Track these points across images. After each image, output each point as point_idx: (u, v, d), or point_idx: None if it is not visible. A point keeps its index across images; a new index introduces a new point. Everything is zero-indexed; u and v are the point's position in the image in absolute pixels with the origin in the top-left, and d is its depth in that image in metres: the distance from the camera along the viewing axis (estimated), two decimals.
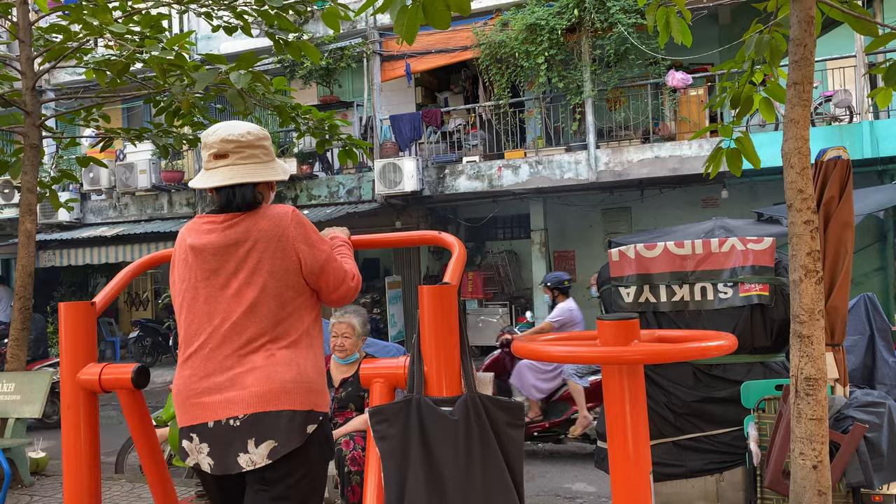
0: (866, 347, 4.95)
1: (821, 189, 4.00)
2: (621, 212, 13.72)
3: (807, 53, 3.43)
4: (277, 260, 2.06)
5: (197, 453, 2.01)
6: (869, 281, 11.29)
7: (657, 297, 4.42)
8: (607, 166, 10.94)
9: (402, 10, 3.13)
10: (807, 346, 3.42)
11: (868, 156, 9.53)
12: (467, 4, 3.08)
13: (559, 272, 8.55)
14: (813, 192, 3.41)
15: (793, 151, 3.45)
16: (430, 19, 3.31)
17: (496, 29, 11.34)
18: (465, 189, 11.87)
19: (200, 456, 2.00)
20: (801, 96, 3.46)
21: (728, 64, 4.61)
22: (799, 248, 3.39)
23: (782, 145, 3.52)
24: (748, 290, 4.25)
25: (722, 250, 4.40)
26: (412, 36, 3.29)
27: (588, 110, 11.05)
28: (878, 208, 8.09)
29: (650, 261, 4.51)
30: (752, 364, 4.23)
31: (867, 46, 4.39)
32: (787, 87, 3.51)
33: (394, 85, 13.16)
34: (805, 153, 3.42)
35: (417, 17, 3.28)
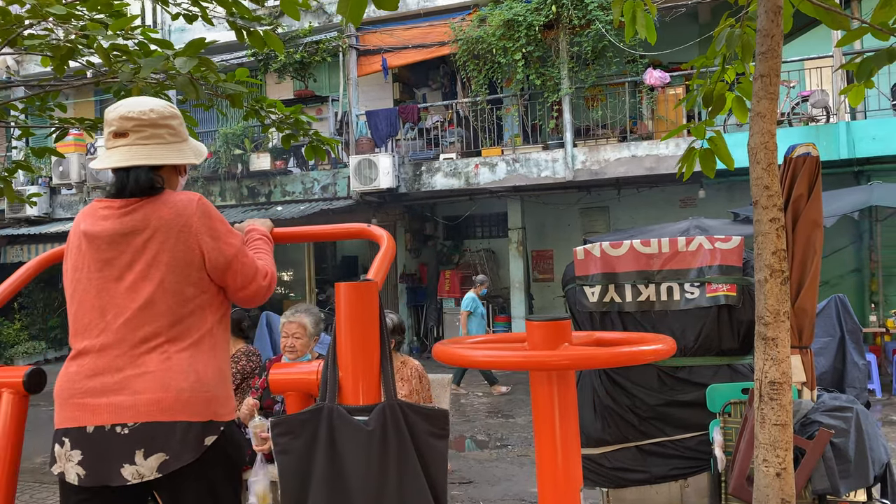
0: (836, 349, 4.85)
1: (789, 186, 3.88)
2: (599, 211, 13.63)
3: (774, 45, 3.30)
4: (178, 252, 1.88)
5: (66, 461, 1.81)
6: (844, 282, 11.26)
7: (622, 297, 4.29)
8: (584, 165, 10.83)
9: None
10: (771, 349, 3.29)
11: (844, 156, 9.48)
12: None
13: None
14: (780, 189, 3.28)
15: (759, 146, 3.31)
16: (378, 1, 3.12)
17: (474, 24, 11.18)
18: (442, 186, 11.71)
19: (69, 464, 1.80)
20: (768, 89, 3.33)
21: (699, 60, 4.47)
22: (764, 247, 3.26)
23: (748, 140, 3.39)
24: (715, 291, 4.13)
25: (689, 249, 4.27)
26: (358, 17, 3.10)
27: (565, 108, 10.93)
28: (853, 209, 8.04)
29: (616, 259, 4.37)
30: (719, 366, 4.11)
31: (839, 41, 4.28)
32: (753, 79, 3.38)
33: (371, 80, 12.97)
34: (772, 148, 3.29)
35: None
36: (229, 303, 2.03)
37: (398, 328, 3.95)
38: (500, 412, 8.63)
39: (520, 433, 7.52)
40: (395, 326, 3.92)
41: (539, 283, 14.27)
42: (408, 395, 3.91)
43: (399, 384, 3.92)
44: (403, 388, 3.91)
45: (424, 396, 3.97)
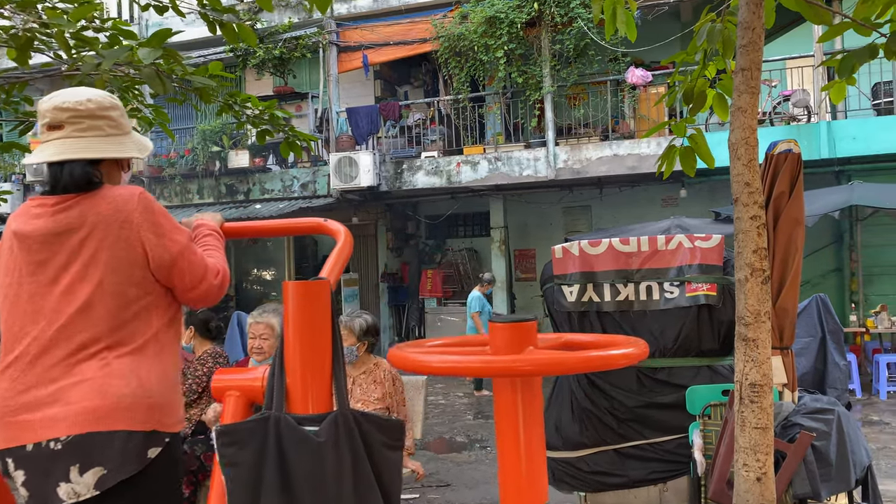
0: (818, 350, 4.79)
1: (770, 184, 3.80)
2: (581, 210, 13.56)
3: (755, 37, 3.22)
4: (118, 251, 1.73)
5: (13, 483, 1.68)
6: (825, 282, 11.27)
7: (601, 297, 4.19)
8: (566, 164, 10.75)
9: None
10: (752, 350, 3.21)
11: (825, 156, 9.47)
12: None
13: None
14: (761, 186, 3.20)
15: (740, 142, 3.23)
16: None
17: (455, 21, 11.07)
18: (424, 185, 11.59)
19: (16, 487, 1.67)
20: (749, 83, 3.25)
21: (679, 55, 4.39)
22: (745, 246, 3.18)
23: (729, 136, 3.31)
24: (695, 290, 4.04)
25: (668, 248, 4.19)
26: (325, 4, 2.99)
27: (547, 106, 10.84)
28: (834, 209, 8.02)
29: (594, 258, 4.28)
30: (699, 368, 4.03)
31: (821, 36, 4.21)
32: (734, 73, 3.30)
33: (352, 77, 12.81)
34: (753, 144, 3.21)
35: None
36: (178, 305, 1.88)
37: (371, 330, 3.83)
38: (480, 413, 8.54)
39: None
40: (369, 328, 3.80)
41: (521, 282, 14.18)
42: (380, 398, 3.80)
43: (372, 387, 3.80)
44: (376, 391, 3.80)
45: (398, 399, 3.86)
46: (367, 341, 3.78)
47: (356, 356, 3.75)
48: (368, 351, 3.84)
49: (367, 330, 3.77)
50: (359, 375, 3.82)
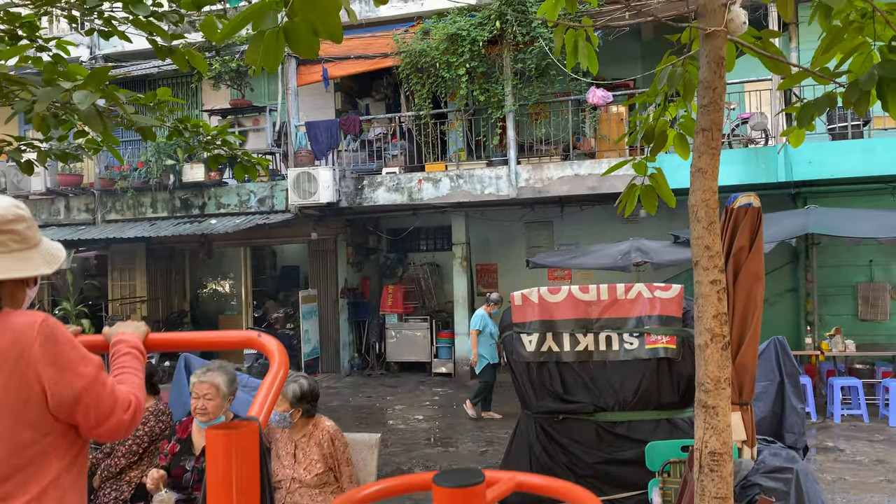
0: (776, 394, 4.77)
1: (730, 238, 3.76)
2: (543, 225, 13.55)
3: (716, 97, 3.15)
4: (11, 390, 1.54)
5: None
6: (782, 301, 11.44)
7: (560, 346, 4.11)
8: (528, 183, 10.70)
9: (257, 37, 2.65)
10: (712, 418, 3.14)
11: (782, 179, 9.58)
12: (339, 31, 2.61)
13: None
14: (721, 249, 3.13)
15: (699, 204, 3.17)
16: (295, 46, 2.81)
17: (417, 37, 10.94)
18: (385, 201, 11.43)
19: None
20: (710, 144, 3.18)
21: (641, 97, 4.36)
22: (705, 311, 3.11)
23: (689, 196, 3.24)
24: (654, 342, 3.98)
25: (628, 297, 4.12)
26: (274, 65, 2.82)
27: (509, 125, 10.78)
28: (790, 236, 8.10)
29: (554, 306, 4.19)
30: (658, 421, 3.97)
31: (780, 84, 4.20)
32: (695, 133, 3.24)
33: (312, 89, 12.59)
34: (713, 206, 3.15)
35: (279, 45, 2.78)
36: (83, 441, 1.70)
37: (307, 395, 3.64)
38: (440, 440, 8.40)
39: (462, 464, 7.30)
40: (303, 394, 3.61)
41: (484, 296, 14.09)
42: (320, 458, 3.64)
43: (314, 449, 3.64)
44: (316, 453, 3.64)
45: (341, 459, 3.70)
46: (301, 407, 3.60)
47: (290, 423, 3.58)
48: (306, 416, 3.67)
49: (302, 396, 3.59)
50: (300, 439, 3.66)
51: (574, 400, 3.96)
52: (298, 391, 3.57)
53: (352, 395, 11.35)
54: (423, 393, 11.36)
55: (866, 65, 3.50)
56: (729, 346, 3.17)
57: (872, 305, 10.52)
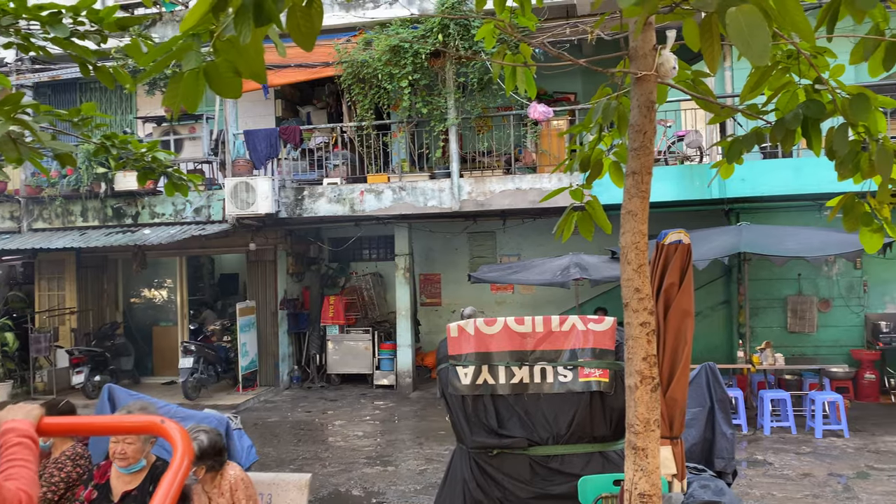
0: (706, 420, 4.87)
1: (661, 274, 3.80)
2: (486, 236, 13.61)
3: (646, 141, 3.19)
4: None
5: None
6: (715, 314, 11.75)
7: (496, 379, 4.09)
8: (470, 196, 10.71)
9: (175, 79, 2.55)
10: (641, 459, 3.17)
11: (715, 196, 9.84)
12: (262, 72, 2.51)
13: None
14: (650, 292, 3.17)
15: (629, 246, 3.19)
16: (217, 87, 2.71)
17: (359, 47, 10.83)
18: (325, 213, 11.27)
19: None
20: (640, 187, 3.21)
21: (577, 128, 4.40)
22: (635, 353, 3.14)
23: (620, 238, 3.27)
24: (588, 376, 4.01)
25: (562, 329, 4.13)
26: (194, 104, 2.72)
27: (452, 138, 10.77)
28: (723, 254, 8.31)
29: (490, 338, 4.17)
30: (591, 454, 3.99)
31: (710, 120, 4.29)
32: (625, 175, 3.27)
33: (252, 96, 12.30)
34: (642, 248, 3.18)
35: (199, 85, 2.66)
36: None
37: (208, 451, 3.47)
38: (380, 458, 8.31)
39: (401, 486, 7.23)
40: (205, 450, 3.45)
41: (426, 307, 14.07)
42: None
43: (222, 501, 3.52)
44: (222, 501, 3.52)
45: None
46: (204, 464, 3.45)
47: (194, 479, 3.45)
48: (212, 470, 3.52)
49: (203, 454, 3.44)
50: (212, 491, 3.52)
51: (509, 434, 3.94)
52: (198, 450, 3.42)
53: (290, 409, 11.15)
54: (363, 406, 11.24)
55: (792, 103, 3.60)
56: (658, 388, 3.21)
57: (801, 318, 10.90)
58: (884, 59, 3.16)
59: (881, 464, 7.43)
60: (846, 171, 3.59)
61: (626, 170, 3.24)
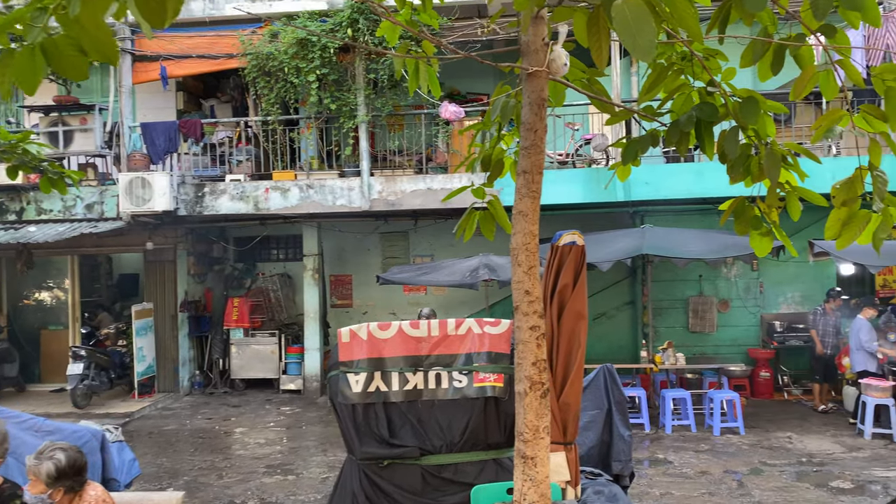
0: (604, 422, 4.85)
1: (555, 275, 3.72)
2: (399, 236, 13.40)
3: (537, 140, 3.09)
4: None
5: None
6: (620, 314, 11.98)
7: (389, 386, 3.91)
8: (381, 195, 10.50)
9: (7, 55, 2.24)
10: (530, 469, 3.07)
11: (621, 199, 9.99)
12: (113, 53, 2.22)
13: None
14: (541, 294, 3.06)
15: (520, 247, 3.08)
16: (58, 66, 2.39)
17: (265, 39, 10.43)
18: (228, 210, 10.80)
19: None
20: (531, 187, 3.11)
21: (477, 126, 4.30)
22: (525, 358, 3.03)
23: (511, 239, 3.15)
24: (482, 381, 3.88)
25: (458, 332, 4.00)
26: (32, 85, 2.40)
27: (362, 136, 10.52)
28: (626, 256, 8.43)
29: (383, 343, 3.99)
30: (485, 462, 3.87)
31: (607, 121, 4.26)
32: (517, 174, 3.16)
33: (151, 87, 11.68)
34: (533, 249, 3.07)
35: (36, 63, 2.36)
36: None
37: (65, 472, 3.12)
38: (281, 467, 7.98)
39: (301, 495, 6.94)
40: (60, 473, 3.10)
41: (337, 308, 13.74)
42: None
43: None
44: None
45: None
46: (62, 486, 3.11)
47: (49, 503, 3.11)
48: (70, 492, 3.18)
49: (60, 474, 3.09)
50: None
51: (400, 444, 3.77)
52: (54, 470, 3.07)
53: (190, 416, 10.62)
54: (268, 413, 10.84)
55: (686, 105, 3.59)
56: (548, 393, 3.11)
57: (701, 318, 11.25)
58: (772, 63, 3.17)
59: (773, 459, 7.70)
60: (737, 174, 3.61)
61: (517, 169, 3.14)
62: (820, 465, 7.48)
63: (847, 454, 7.86)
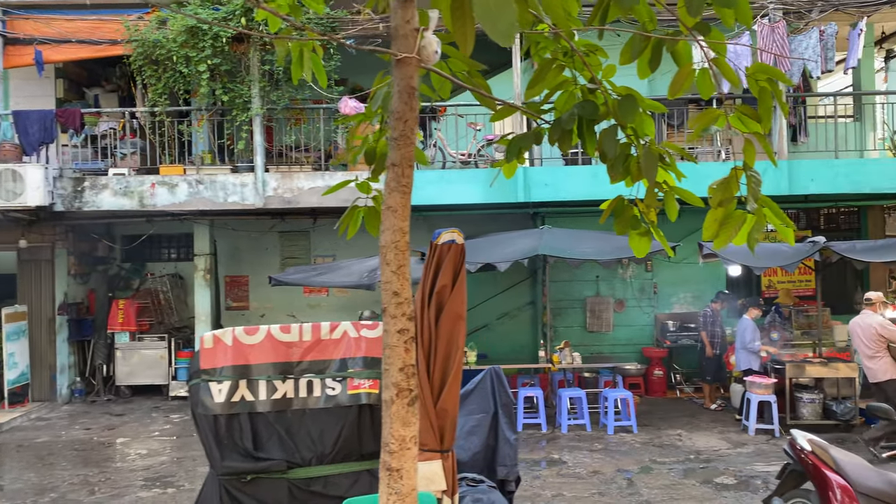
0: (490, 426, 4.72)
1: (433, 275, 3.55)
2: (299, 235, 12.98)
3: (407, 130, 2.88)
4: None
5: None
6: (522, 314, 12.02)
7: (255, 395, 3.63)
8: (276, 192, 10.10)
9: None
10: (396, 482, 2.86)
11: (521, 200, 10.01)
12: None
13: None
14: (410, 296, 2.87)
15: (389, 245, 2.87)
16: None
17: (152, 26, 9.84)
18: (110, 206, 10.13)
19: None
20: (401, 180, 2.91)
21: (358, 117, 4.08)
22: (392, 363, 2.82)
23: (380, 237, 2.95)
24: (357, 387, 3.67)
25: (332, 337, 3.77)
26: None
27: (256, 130, 10.09)
28: (524, 256, 8.42)
29: (250, 348, 3.71)
30: (359, 473, 3.65)
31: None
32: (386, 167, 2.96)
33: (25, 73, 10.82)
34: (402, 248, 2.87)
35: None
36: None
37: None
38: (161, 479, 7.48)
39: None
40: None
41: (233, 311, 13.17)
42: None
43: None
44: None
45: None
46: None
47: None
48: None
49: None
50: None
51: (265, 457, 3.51)
52: None
53: (67, 427, 9.87)
54: (154, 421, 10.22)
55: (570, 103, 3.49)
56: (417, 401, 2.92)
57: (598, 318, 11.43)
58: (650, 60, 3.11)
59: (663, 457, 7.85)
60: (617, 173, 3.54)
61: (387, 161, 2.94)
62: (706, 461, 7.68)
63: (732, 450, 8.11)
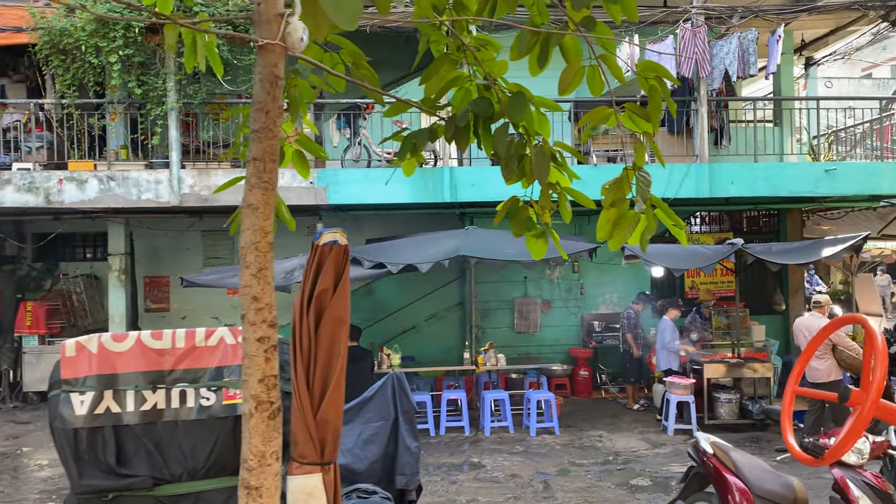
0: (390, 434, 4.56)
1: (314, 278, 3.36)
2: (222, 235, 12.54)
3: (270, 122, 2.69)
4: None
5: None
6: (450, 315, 11.90)
7: (122, 406, 3.37)
8: (193, 189, 9.70)
9: None
10: (255, 501, 2.68)
11: (448, 199, 9.87)
12: None
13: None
14: (272, 301, 2.68)
15: (249, 246, 2.66)
16: None
17: (60, 13, 9.32)
18: (13, 203, 9.55)
19: None
20: (262, 176, 2.71)
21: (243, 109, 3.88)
22: (251, 374, 2.62)
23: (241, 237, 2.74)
24: (233, 397, 3.45)
25: (208, 344, 3.53)
26: None
27: (172, 124, 9.67)
28: (445, 257, 8.29)
29: (118, 356, 3.44)
30: (233, 489, 3.40)
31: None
32: (247, 161, 2.76)
33: None
34: (264, 249, 2.67)
35: None
36: None
37: None
38: (58, 491, 7.06)
39: None
40: None
41: (152, 312, 12.66)
42: None
43: None
44: None
45: None
46: None
47: None
48: None
49: None
50: None
51: (130, 473, 3.26)
52: None
53: None
54: None
55: (466, 99, 3.38)
56: (278, 414, 2.73)
57: (526, 319, 11.40)
58: (538, 56, 3.00)
59: (582, 459, 7.82)
60: (511, 173, 3.44)
61: (248, 155, 2.74)
62: (624, 462, 7.68)
63: (650, 451, 8.15)
